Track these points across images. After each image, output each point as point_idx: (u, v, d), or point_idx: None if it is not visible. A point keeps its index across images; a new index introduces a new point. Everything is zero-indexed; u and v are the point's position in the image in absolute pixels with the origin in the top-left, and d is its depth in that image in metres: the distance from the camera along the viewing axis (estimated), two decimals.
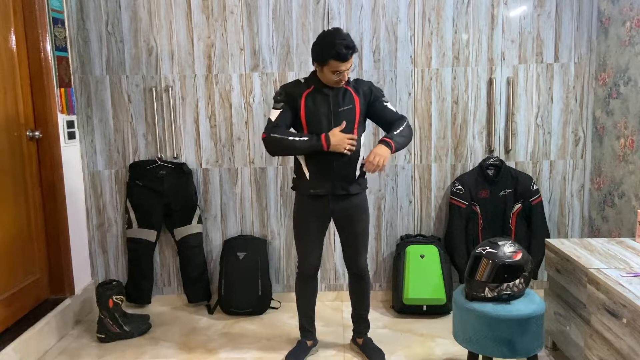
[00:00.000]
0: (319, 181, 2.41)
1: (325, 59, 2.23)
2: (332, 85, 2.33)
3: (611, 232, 3.01)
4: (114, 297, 2.90)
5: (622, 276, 2.03)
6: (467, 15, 3.14)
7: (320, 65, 2.28)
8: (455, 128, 3.24)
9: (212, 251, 3.36)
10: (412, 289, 3.04)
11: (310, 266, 2.56)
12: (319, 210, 2.46)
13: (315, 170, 2.40)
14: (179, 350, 2.78)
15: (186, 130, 3.26)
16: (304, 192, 2.47)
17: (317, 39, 2.31)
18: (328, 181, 2.39)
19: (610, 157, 3.01)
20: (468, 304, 2.14)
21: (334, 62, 2.22)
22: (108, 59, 3.19)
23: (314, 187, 2.42)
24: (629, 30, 2.81)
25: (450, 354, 2.65)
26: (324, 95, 2.35)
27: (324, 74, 2.30)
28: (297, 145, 2.32)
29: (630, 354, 1.83)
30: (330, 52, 2.21)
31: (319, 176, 2.40)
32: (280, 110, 2.36)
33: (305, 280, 2.60)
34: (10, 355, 2.45)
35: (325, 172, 2.39)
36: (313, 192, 2.43)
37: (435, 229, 3.33)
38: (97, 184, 3.31)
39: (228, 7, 3.15)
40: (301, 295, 2.63)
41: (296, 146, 2.32)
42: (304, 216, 2.50)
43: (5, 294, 2.63)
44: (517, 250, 2.14)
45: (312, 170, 2.41)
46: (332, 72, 2.26)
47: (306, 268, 2.56)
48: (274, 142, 2.33)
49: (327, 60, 2.23)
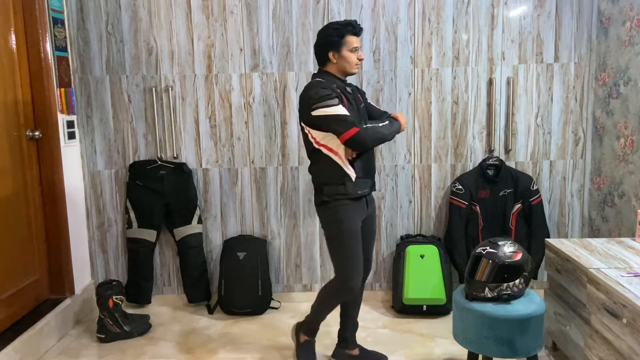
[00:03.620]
0: (364, 180, 2.31)
1: (343, 35, 2.23)
2: (353, 70, 2.30)
3: (611, 232, 3.01)
4: (114, 297, 2.90)
5: (622, 276, 2.03)
6: (467, 15, 3.14)
7: (337, 49, 2.25)
8: (455, 128, 3.24)
9: (212, 251, 3.36)
10: (412, 289, 3.04)
11: (360, 277, 2.34)
12: (361, 212, 2.33)
13: (363, 169, 2.30)
14: (179, 350, 2.78)
15: (186, 130, 3.26)
16: (351, 195, 2.27)
17: (321, 32, 2.31)
18: (371, 178, 2.36)
19: (610, 157, 3.01)
20: (468, 304, 2.14)
21: (351, 37, 2.25)
22: (108, 59, 3.19)
23: (360, 187, 2.29)
24: (629, 30, 2.81)
25: (450, 354, 2.65)
26: (348, 93, 2.33)
27: (343, 58, 2.26)
28: (386, 132, 2.25)
29: (630, 354, 1.83)
30: (346, 27, 2.23)
31: (365, 174, 2.31)
32: (340, 105, 2.19)
33: (353, 293, 2.36)
34: (10, 355, 2.45)
35: (370, 169, 2.36)
36: (360, 193, 2.29)
37: (435, 229, 3.33)
38: (97, 184, 3.31)
39: (228, 7, 3.15)
40: (336, 305, 2.47)
41: (385, 132, 2.25)
42: (354, 223, 2.29)
43: (5, 294, 2.63)
44: (517, 250, 2.14)
45: (359, 169, 2.28)
46: (350, 51, 2.25)
47: (358, 280, 2.32)
48: (371, 133, 2.19)
49: (344, 37, 2.23)
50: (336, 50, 2.26)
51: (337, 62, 2.28)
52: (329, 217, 2.32)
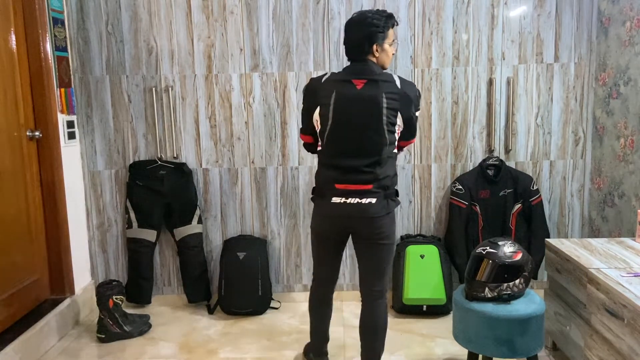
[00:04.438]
0: None
1: (389, 28, 2.14)
2: (389, 63, 2.22)
3: (611, 232, 3.01)
4: (114, 297, 2.90)
5: (622, 276, 2.03)
6: (467, 15, 3.14)
7: (381, 43, 2.12)
8: (455, 128, 3.24)
9: (212, 251, 3.36)
10: (412, 289, 3.04)
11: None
12: None
13: None
14: (179, 350, 2.78)
15: (186, 130, 3.26)
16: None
17: (356, 23, 2.13)
18: None
19: (610, 157, 3.01)
20: (468, 304, 2.14)
21: (393, 31, 2.17)
22: (108, 59, 3.19)
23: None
24: (629, 30, 2.81)
25: (450, 354, 2.65)
26: None
27: (386, 52, 2.16)
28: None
29: (630, 354, 1.83)
30: (392, 19, 2.14)
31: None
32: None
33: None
34: (10, 355, 2.45)
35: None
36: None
37: (435, 229, 3.33)
38: (97, 184, 3.31)
39: (228, 7, 3.15)
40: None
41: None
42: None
43: (5, 294, 2.63)
44: (517, 250, 2.14)
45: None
46: (391, 43, 2.18)
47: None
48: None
49: (389, 29, 2.14)
50: (379, 45, 2.13)
51: (381, 54, 2.17)
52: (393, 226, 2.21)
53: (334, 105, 2.09)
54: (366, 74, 2.10)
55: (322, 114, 2.12)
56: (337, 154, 2.13)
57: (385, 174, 2.12)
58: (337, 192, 2.12)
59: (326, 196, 2.15)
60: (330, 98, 2.09)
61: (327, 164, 2.16)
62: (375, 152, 2.10)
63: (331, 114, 2.09)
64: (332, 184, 2.13)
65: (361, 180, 2.10)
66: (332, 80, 2.14)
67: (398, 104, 2.09)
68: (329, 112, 2.10)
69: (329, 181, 2.14)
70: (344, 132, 2.10)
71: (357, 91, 2.08)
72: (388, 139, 2.10)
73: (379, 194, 2.11)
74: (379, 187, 2.11)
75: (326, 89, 2.12)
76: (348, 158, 2.10)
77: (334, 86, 2.11)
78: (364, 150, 2.10)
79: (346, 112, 2.09)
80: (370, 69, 2.12)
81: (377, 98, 2.06)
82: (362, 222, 2.12)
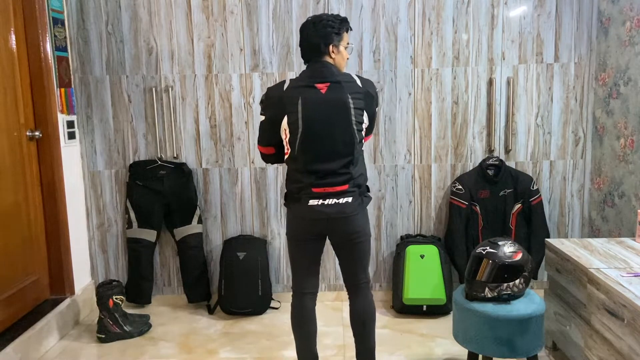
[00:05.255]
0: None
1: (344, 30, 2.15)
2: (344, 66, 2.22)
3: (611, 232, 3.01)
4: (114, 297, 2.90)
5: (622, 276, 2.03)
6: (467, 15, 3.14)
7: (337, 44, 2.13)
8: (455, 128, 3.24)
9: (212, 251, 3.36)
10: (412, 289, 3.04)
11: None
12: None
13: None
14: (179, 350, 2.78)
15: (186, 130, 3.26)
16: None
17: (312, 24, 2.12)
18: None
19: (610, 157, 3.01)
20: (468, 304, 2.14)
21: (347, 35, 2.18)
22: (108, 59, 3.19)
23: None
24: (629, 30, 2.81)
25: (450, 354, 2.65)
26: None
27: (342, 54, 2.17)
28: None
29: (630, 354, 1.83)
30: (347, 24, 2.16)
31: None
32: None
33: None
34: (10, 355, 2.45)
35: None
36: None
37: (435, 229, 3.33)
38: (97, 184, 3.31)
39: (228, 7, 3.15)
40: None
41: None
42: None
43: (5, 294, 2.63)
44: (517, 250, 2.14)
45: None
46: (346, 47, 2.18)
47: None
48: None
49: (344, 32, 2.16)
50: (336, 46, 2.15)
51: (336, 56, 2.18)
52: (368, 220, 2.24)
53: (302, 112, 2.08)
54: (327, 76, 2.10)
55: (290, 122, 2.10)
56: (311, 160, 2.12)
57: (359, 172, 2.16)
58: (314, 195, 2.12)
59: (302, 199, 2.15)
60: (297, 105, 2.08)
61: (300, 170, 2.15)
62: (348, 153, 2.11)
63: (300, 121, 2.08)
64: (309, 188, 2.12)
65: (338, 182, 2.12)
66: (294, 87, 2.12)
67: (363, 103, 2.12)
68: (298, 120, 2.08)
69: (305, 186, 2.14)
70: (316, 137, 2.10)
71: (323, 95, 2.08)
72: (358, 137, 2.12)
73: (354, 192, 2.14)
74: (354, 185, 2.14)
75: (291, 96, 2.10)
76: (323, 162, 2.10)
77: (299, 93, 2.09)
78: (338, 152, 2.10)
79: (315, 117, 2.08)
80: (330, 70, 2.12)
81: (343, 99, 2.08)
82: (340, 222, 2.15)
